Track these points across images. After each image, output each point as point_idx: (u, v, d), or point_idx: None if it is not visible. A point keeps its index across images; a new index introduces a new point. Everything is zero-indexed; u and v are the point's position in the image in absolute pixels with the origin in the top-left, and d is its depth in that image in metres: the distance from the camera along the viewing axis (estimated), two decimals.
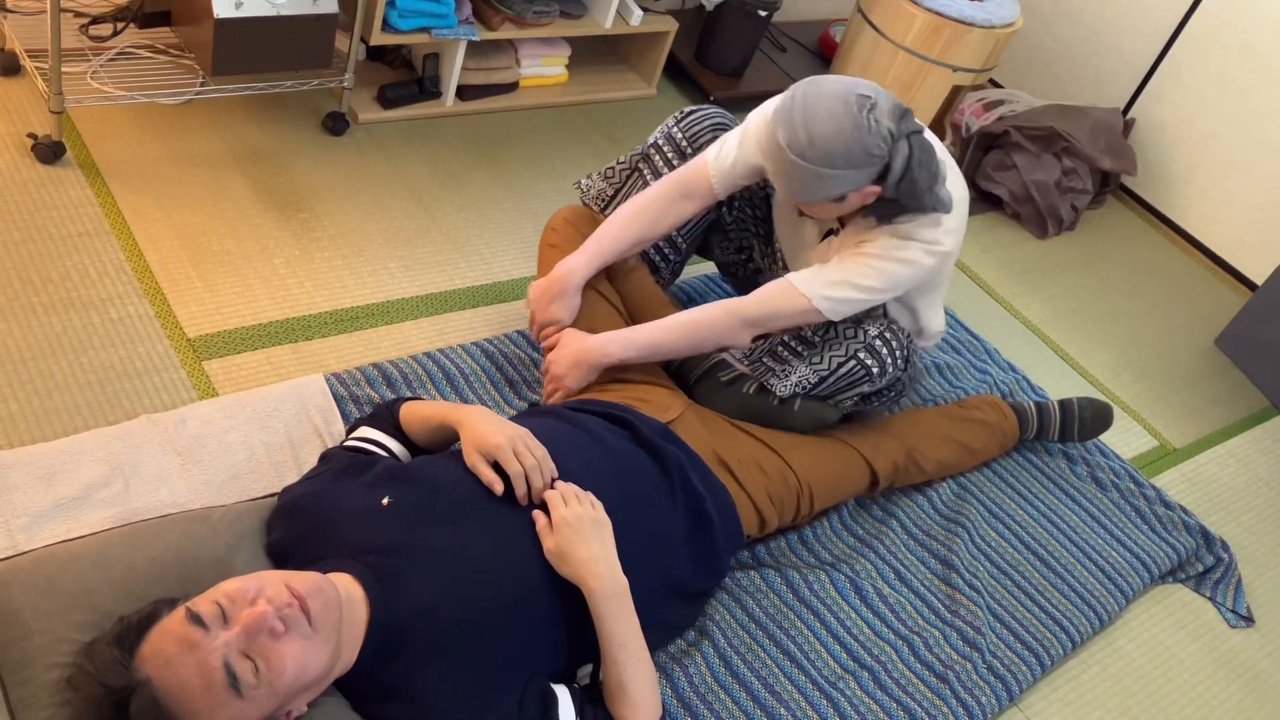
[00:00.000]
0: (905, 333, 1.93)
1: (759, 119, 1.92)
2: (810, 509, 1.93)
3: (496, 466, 1.50)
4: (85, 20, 2.43)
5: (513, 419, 1.73)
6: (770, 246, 2.21)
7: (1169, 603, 2.24)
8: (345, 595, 1.32)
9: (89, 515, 1.58)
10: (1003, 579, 2.08)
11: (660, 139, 2.11)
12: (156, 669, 1.18)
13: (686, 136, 2.08)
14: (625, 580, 1.46)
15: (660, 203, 1.98)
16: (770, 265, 2.22)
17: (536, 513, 1.49)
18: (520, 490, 1.49)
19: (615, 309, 2.04)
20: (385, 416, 1.70)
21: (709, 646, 1.76)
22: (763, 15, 3.14)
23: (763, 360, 2.01)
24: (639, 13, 2.97)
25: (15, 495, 1.56)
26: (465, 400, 2.03)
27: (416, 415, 1.65)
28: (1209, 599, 2.27)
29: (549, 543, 1.45)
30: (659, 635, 1.68)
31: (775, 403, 1.96)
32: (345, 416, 1.88)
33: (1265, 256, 3.32)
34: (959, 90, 3.14)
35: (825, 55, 3.64)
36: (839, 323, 1.92)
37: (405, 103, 2.74)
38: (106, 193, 2.22)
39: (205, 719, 1.18)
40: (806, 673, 1.78)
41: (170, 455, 1.70)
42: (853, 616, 1.90)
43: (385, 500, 1.46)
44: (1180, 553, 2.28)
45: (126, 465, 1.66)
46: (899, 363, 1.91)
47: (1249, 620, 2.25)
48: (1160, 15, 3.40)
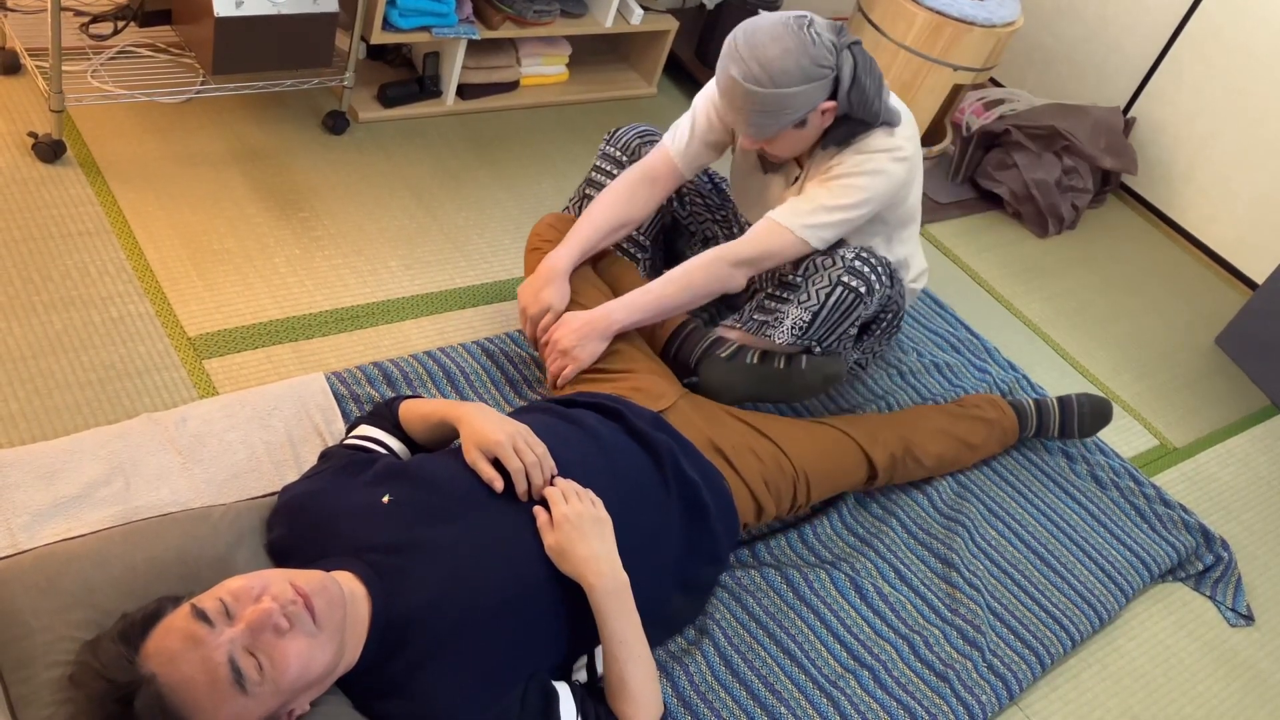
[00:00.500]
0: (882, 255, 1.99)
1: (706, 97, 2.02)
2: (807, 497, 1.92)
3: (497, 463, 1.51)
4: (86, 19, 2.43)
5: (510, 416, 1.73)
6: (733, 230, 2.27)
7: (1169, 601, 2.24)
8: (348, 593, 1.32)
9: (89, 514, 1.58)
10: (1003, 578, 2.08)
11: (598, 160, 2.21)
12: (161, 665, 1.18)
13: (619, 148, 2.18)
14: (626, 577, 1.46)
15: (628, 188, 2.05)
16: None
17: (537, 509, 1.49)
18: (520, 487, 1.49)
19: (604, 294, 2.06)
20: (385, 415, 1.70)
21: (709, 645, 1.76)
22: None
23: (753, 317, 2.04)
24: (639, 12, 2.97)
25: (16, 494, 1.56)
26: (466, 399, 2.03)
27: (416, 413, 1.65)
28: (1209, 598, 2.27)
29: (550, 540, 1.46)
30: (660, 631, 1.69)
31: (781, 365, 1.98)
32: (345, 415, 1.88)
33: (1265, 255, 3.32)
34: (960, 89, 3.14)
35: None
36: (816, 257, 1.98)
37: (406, 102, 2.74)
38: (107, 191, 2.22)
39: (209, 715, 1.18)
40: (807, 671, 1.78)
41: (171, 454, 1.70)
42: (853, 615, 1.90)
43: (386, 498, 1.46)
44: (1180, 551, 2.29)
45: (127, 464, 1.66)
46: (883, 278, 1.95)
47: (1249, 619, 2.25)
48: (1161, 14, 3.40)
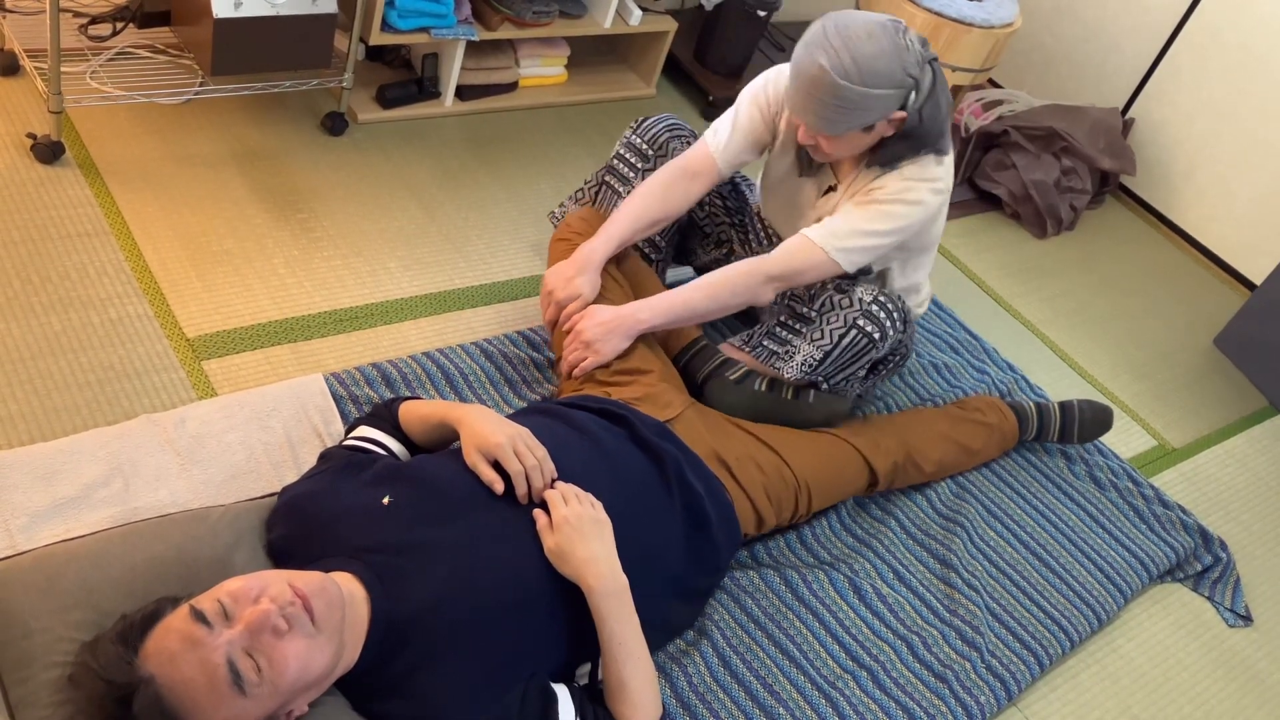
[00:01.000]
0: (898, 295, 1.98)
1: (751, 94, 2.00)
2: (809, 508, 1.93)
3: (497, 466, 1.50)
4: (84, 20, 2.43)
5: (509, 418, 1.73)
6: (749, 234, 2.25)
7: (1167, 602, 2.24)
8: (347, 594, 1.32)
9: (88, 515, 1.58)
10: (1001, 578, 2.08)
11: (621, 149, 2.17)
12: (160, 666, 1.18)
13: (645, 140, 2.14)
14: (625, 579, 1.46)
15: (667, 184, 2.02)
16: (752, 251, 2.24)
17: (537, 512, 1.49)
18: (520, 489, 1.49)
19: (628, 293, 2.05)
20: (384, 416, 1.70)
21: (708, 646, 1.76)
22: (762, 15, 3.14)
23: (763, 344, 2.03)
24: (638, 13, 2.97)
25: (15, 495, 1.56)
26: (465, 400, 2.03)
27: (416, 414, 1.65)
28: (1207, 598, 2.27)
29: (549, 542, 1.46)
30: (659, 635, 1.68)
31: (789, 396, 1.97)
32: (344, 416, 1.88)
33: (1264, 256, 3.32)
34: (958, 90, 3.14)
35: None
36: (832, 293, 1.97)
37: (404, 103, 2.74)
38: (105, 193, 2.22)
39: (208, 717, 1.18)
40: (805, 673, 1.78)
41: (169, 455, 1.70)
42: (851, 616, 1.90)
43: (385, 499, 1.46)
44: (1179, 552, 2.29)
45: (126, 465, 1.66)
46: (898, 324, 1.94)
47: (1247, 619, 2.26)
48: (1159, 15, 3.41)
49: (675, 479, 1.67)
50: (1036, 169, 3.21)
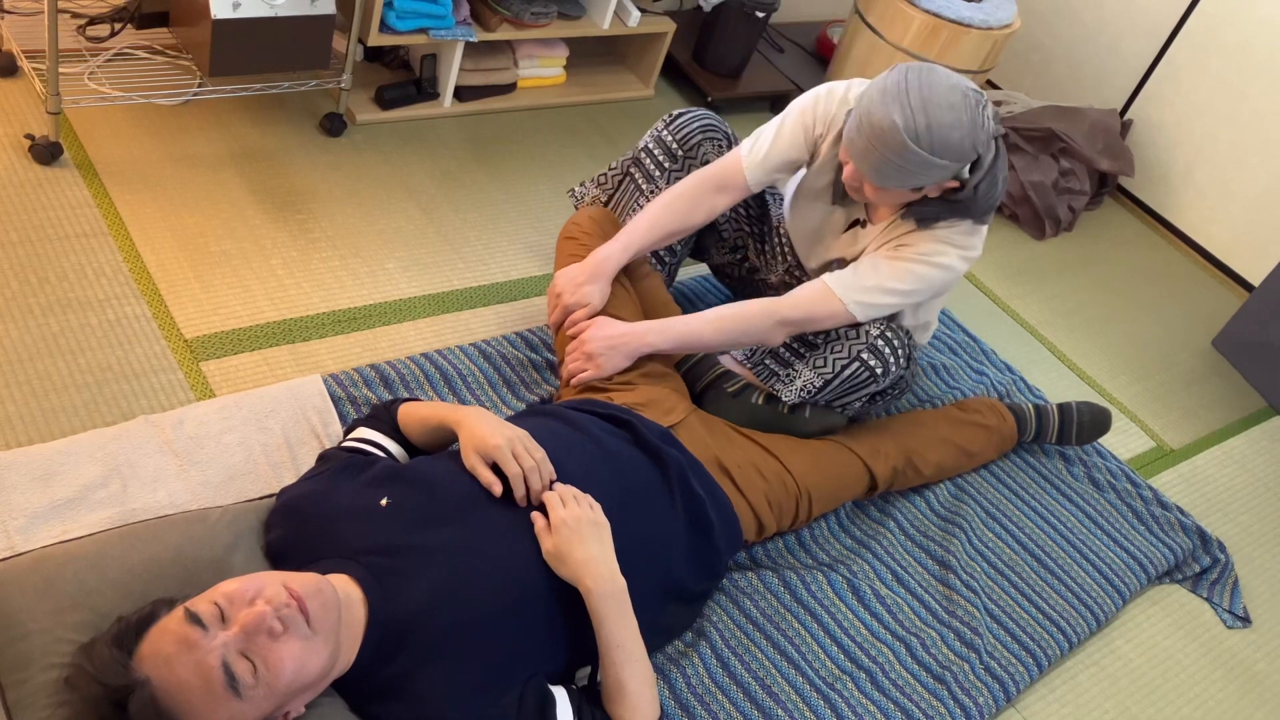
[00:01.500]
0: (905, 330, 1.94)
1: (799, 109, 1.93)
2: (809, 514, 1.93)
3: (495, 468, 1.50)
4: (83, 21, 2.43)
5: (510, 419, 1.73)
6: (765, 244, 2.22)
7: (1166, 603, 2.24)
8: (344, 596, 1.32)
9: (86, 516, 1.57)
10: (1000, 579, 2.08)
11: (650, 143, 2.13)
12: (155, 669, 1.18)
13: (677, 139, 2.10)
14: (623, 581, 1.46)
15: (693, 195, 1.99)
16: (766, 263, 2.22)
17: (535, 514, 1.49)
18: (519, 492, 1.49)
19: (637, 306, 2.04)
20: (383, 417, 1.69)
21: (706, 648, 1.76)
22: (760, 16, 3.14)
23: (765, 363, 2.02)
24: (636, 14, 2.97)
25: (12, 496, 1.56)
26: (463, 401, 2.03)
27: (414, 416, 1.65)
28: (1206, 599, 2.27)
29: (547, 544, 1.45)
30: (657, 637, 1.68)
31: (785, 410, 1.97)
32: (343, 417, 1.88)
33: (1262, 257, 3.32)
34: None
35: (823, 56, 3.64)
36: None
37: (403, 104, 2.74)
38: (104, 193, 2.22)
39: (203, 719, 1.18)
40: (804, 674, 1.78)
41: (168, 456, 1.70)
42: (850, 618, 1.90)
43: (384, 501, 1.46)
44: (1177, 553, 2.29)
45: (124, 466, 1.66)
46: (901, 361, 1.92)
47: (1245, 621, 2.26)
48: (1158, 16, 3.41)
49: (678, 483, 1.67)
50: (1035, 170, 3.21)
